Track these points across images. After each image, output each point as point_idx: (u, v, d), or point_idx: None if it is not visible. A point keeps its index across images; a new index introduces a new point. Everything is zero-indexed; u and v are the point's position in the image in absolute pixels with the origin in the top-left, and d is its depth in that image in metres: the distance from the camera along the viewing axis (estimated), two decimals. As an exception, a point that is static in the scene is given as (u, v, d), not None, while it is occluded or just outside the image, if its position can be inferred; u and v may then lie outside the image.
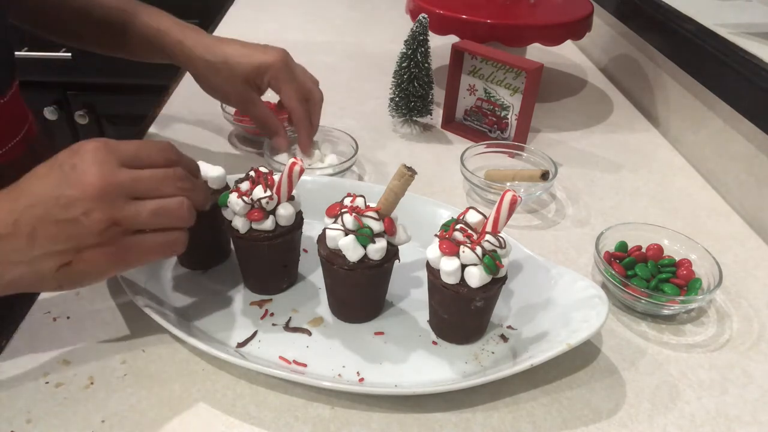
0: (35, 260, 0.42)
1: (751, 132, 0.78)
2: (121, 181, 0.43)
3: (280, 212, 0.54)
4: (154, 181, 0.46)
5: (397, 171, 0.50)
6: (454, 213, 0.60)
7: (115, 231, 0.43)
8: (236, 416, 0.47)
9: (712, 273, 0.59)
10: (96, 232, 0.42)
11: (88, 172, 0.42)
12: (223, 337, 0.53)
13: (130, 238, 0.45)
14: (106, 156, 0.44)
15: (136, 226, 0.45)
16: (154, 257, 0.47)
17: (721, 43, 0.82)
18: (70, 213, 0.42)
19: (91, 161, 0.43)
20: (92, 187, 0.42)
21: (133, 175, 0.44)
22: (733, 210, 0.78)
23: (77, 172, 0.43)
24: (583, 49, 1.32)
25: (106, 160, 0.43)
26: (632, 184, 0.82)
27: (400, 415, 0.48)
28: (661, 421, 0.49)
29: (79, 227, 0.42)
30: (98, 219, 0.42)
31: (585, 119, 1.00)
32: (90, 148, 0.44)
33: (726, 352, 0.57)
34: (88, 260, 0.43)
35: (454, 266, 0.49)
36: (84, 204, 0.42)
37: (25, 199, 0.42)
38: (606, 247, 0.63)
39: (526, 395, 0.51)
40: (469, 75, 0.90)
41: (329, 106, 0.98)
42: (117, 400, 0.48)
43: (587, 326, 0.50)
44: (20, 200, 0.43)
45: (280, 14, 1.42)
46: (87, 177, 0.42)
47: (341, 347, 0.53)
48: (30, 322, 0.54)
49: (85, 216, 0.42)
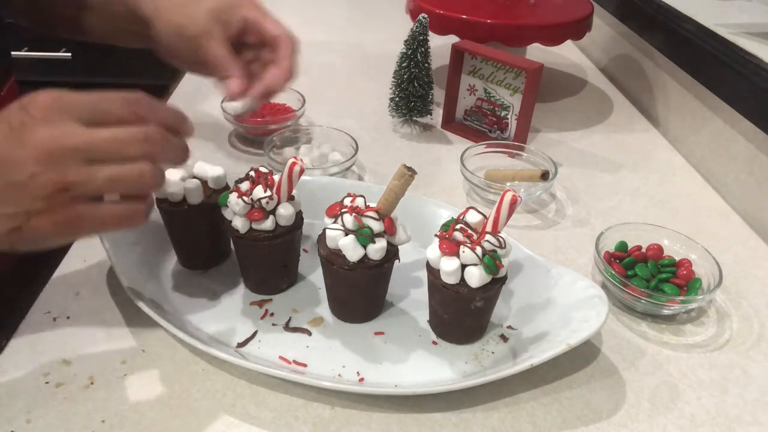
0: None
1: (751, 132, 0.78)
2: (73, 142, 0.39)
3: (280, 212, 0.54)
4: (115, 142, 0.40)
5: (397, 171, 0.50)
6: (454, 213, 0.60)
7: (64, 197, 0.39)
8: (236, 416, 0.47)
9: (712, 273, 0.59)
10: (42, 197, 0.38)
11: (37, 131, 0.38)
12: (223, 337, 0.53)
13: (82, 206, 0.40)
14: (59, 112, 0.39)
15: (89, 193, 0.40)
16: (108, 229, 0.43)
17: (721, 43, 0.82)
18: (16, 176, 0.38)
19: (42, 119, 0.39)
20: (39, 148, 0.38)
21: (88, 136, 0.39)
22: (733, 210, 0.78)
23: (25, 130, 0.39)
24: (583, 49, 1.32)
25: (59, 118, 0.39)
26: (632, 184, 0.82)
27: (400, 415, 0.48)
28: (661, 421, 0.49)
29: (25, 191, 0.38)
30: (44, 183, 0.38)
31: (585, 119, 1.00)
32: (41, 104, 0.40)
33: (726, 352, 0.57)
34: (36, 227, 0.39)
35: (454, 266, 0.49)
36: (30, 166, 0.38)
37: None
38: (606, 247, 0.63)
39: (526, 395, 0.51)
40: (469, 75, 0.90)
41: (329, 106, 0.98)
42: (117, 400, 0.48)
43: (587, 326, 0.50)
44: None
45: (280, 14, 1.42)
46: (35, 136, 0.38)
47: (341, 347, 0.53)
48: (30, 322, 0.54)
49: (31, 179, 0.38)
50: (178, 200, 0.55)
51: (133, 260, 0.57)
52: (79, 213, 0.40)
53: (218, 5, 0.60)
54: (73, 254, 0.62)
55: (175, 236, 0.60)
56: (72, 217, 0.40)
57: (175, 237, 0.60)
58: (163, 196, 0.55)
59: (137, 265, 0.57)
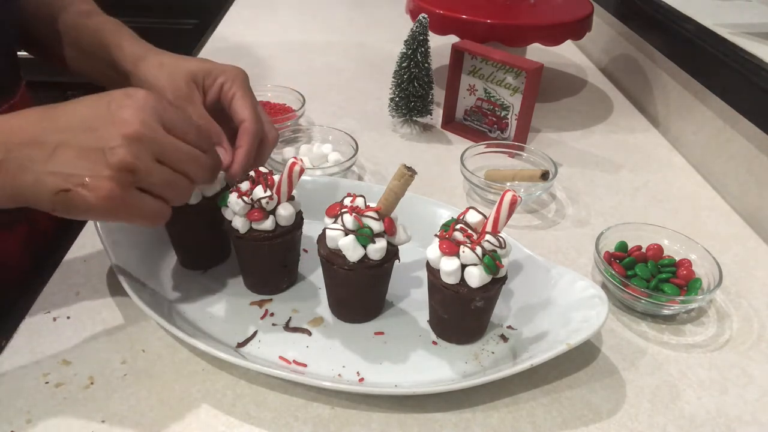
0: (44, 175, 0.42)
1: (751, 132, 0.78)
2: (158, 137, 0.44)
3: (280, 212, 0.54)
4: (184, 155, 0.46)
5: (397, 171, 0.50)
6: (454, 213, 0.60)
7: (126, 177, 0.43)
8: (236, 416, 0.47)
9: (712, 273, 0.59)
10: (112, 168, 0.42)
11: (133, 114, 0.43)
12: (223, 337, 0.53)
13: (134, 192, 0.44)
14: (152, 110, 0.45)
15: (145, 185, 0.44)
16: (138, 221, 0.46)
17: (721, 43, 0.82)
18: (98, 143, 0.42)
19: (140, 107, 0.44)
20: (129, 127, 0.43)
21: (168, 138, 0.45)
22: (733, 210, 0.78)
23: (123, 111, 0.44)
24: (583, 49, 1.32)
25: (152, 112, 0.44)
26: (632, 184, 0.82)
27: (400, 415, 0.48)
28: (661, 421, 0.49)
29: (98, 156, 0.42)
30: (120, 156, 0.42)
31: (585, 119, 1.00)
32: (142, 96, 0.45)
33: (726, 352, 0.57)
34: (84, 195, 0.42)
35: (454, 266, 0.49)
36: (115, 139, 0.42)
37: (60, 122, 0.44)
38: (606, 247, 0.63)
39: (526, 395, 0.51)
40: (469, 75, 0.90)
41: (329, 106, 0.98)
42: (117, 400, 0.48)
43: (587, 326, 0.50)
44: (59, 120, 0.44)
45: (280, 14, 1.42)
46: (129, 117, 0.43)
47: (341, 347, 0.53)
48: (30, 322, 0.54)
49: (110, 150, 0.42)
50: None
51: (133, 260, 0.57)
52: (128, 197, 0.44)
53: (198, 69, 0.59)
54: (73, 254, 0.62)
55: (175, 236, 0.60)
56: (120, 197, 0.43)
57: (175, 237, 0.60)
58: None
59: (137, 265, 0.57)
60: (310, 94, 0.93)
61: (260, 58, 1.16)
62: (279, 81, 0.97)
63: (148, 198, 0.45)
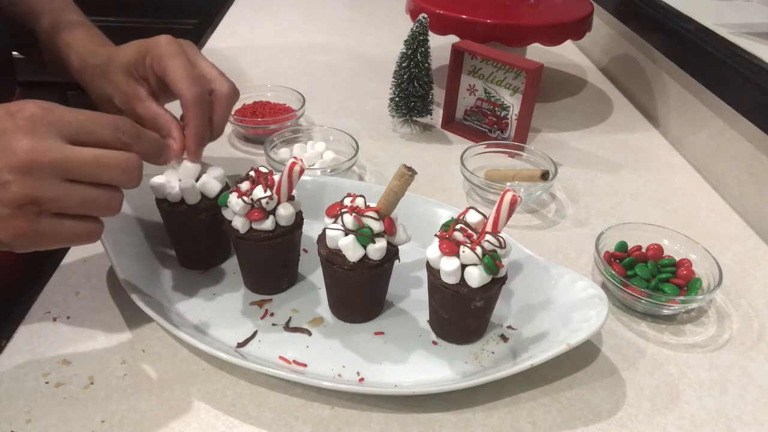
0: None
1: (751, 132, 0.78)
2: (53, 159, 0.39)
3: (280, 212, 0.54)
4: (95, 165, 0.40)
5: (397, 171, 0.50)
6: (454, 213, 0.60)
7: (32, 210, 0.39)
8: (236, 416, 0.47)
9: (712, 273, 0.59)
10: (10, 205, 0.38)
11: (19, 141, 0.38)
12: (223, 337, 0.53)
13: (47, 220, 0.40)
14: (46, 125, 0.39)
15: (57, 210, 0.40)
16: (66, 244, 0.44)
17: (721, 43, 0.82)
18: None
19: (26, 129, 0.39)
20: (17, 158, 0.38)
21: (69, 154, 0.39)
22: (733, 210, 0.78)
23: (6, 137, 0.38)
24: (583, 49, 1.32)
25: (43, 131, 0.39)
26: (632, 184, 0.82)
27: (400, 415, 0.48)
28: (661, 421, 0.49)
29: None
30: (15, 192, 0.38)
31: (585, 119, 1.00)
32: (29, 113, 0.39)
33: (726, 352, 0.57)
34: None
35: (454, 266, 0.49)
36: (4, 174, 0.38)
37: None
38: (606, 247, 0.63)
39: (526, 395, 0.51)
40: (469, 75, 0.90)
41: (329, 106, 0.98)
42: (117, 400, 0.48)
43: (587, 326, 0.50)
44: None
45: (280, 14, 1.42)
46: (15, 145, 0.38)
47: (341, 347, 0.53)
48: (30, 322, 0.54)
49: (2, 187, 0.38)
50: (176, 200, 0.55)
51: (133, 260, 0.57)
52: (41, 227, 0.40)
53: (128, 61, 0.56)
54: (73, 254, 0.62)
55: (175, 236, 0.60)
56: (33, 230, 0.40)
57: (174, 237, 0.60)
58: (162, 196, 0.55)
59: (137, 265, 0.57)
60: (310, 94, 0.93)
61: (260, 58, 1.16)
62: (279, 81, 0.97)
63: (67, 221, 0.41)
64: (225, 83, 0.56)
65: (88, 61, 0.60)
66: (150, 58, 0.55)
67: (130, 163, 0.42)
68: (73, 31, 0.64)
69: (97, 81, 0.58)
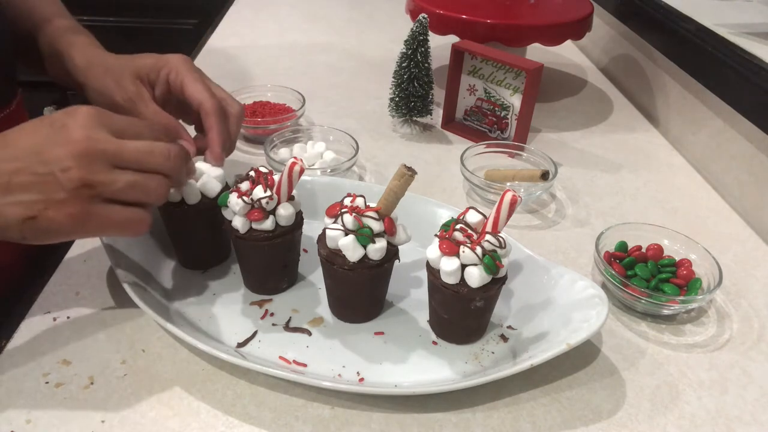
0: (5, 207, 0.43)
1: (751, 132, 0.78)
2: (105, 146, 0.44)
3: (280, 212, 0.54)
4: (141, 153, 0.46)
5: (397, 171, 0.50)
6: (454, 213, 0.60)
7: (86, 193, 0.43)
8: (236, 416, 0.47)
9: (712, 273, 0.59)
10: (67, 189, 0.43)
11: (76, 132, 0.43)
12: (223, 337, 0.53)
13: (98, 205, 0.44)
14: (97, 121, 0.45)
15: (109, 194, 0.45)
16: (115, 232, 0.47)
17: (721, 43, 0.82)
18: (48, 167, 0.43)
19: (82, 123, 0.44)
20: (76, 145, 0.43)
21: (119, 144, 0.45)
22: (733, 210, 0.78)
23: (66, 130, 0.44)
24: (583, 49, 1.32)
25: (96, 125, 0.44)
26: (632, 184, 0.82)
27: (400, 415, 0.48)
28: (661, 421, 0.49)
29: (53, 182, 0.42)
30: (73, 177, 0.42)
31: (585, 119, 1.00)
32: (83, 112, 0.45)
33: (726, 352, 0.57)
34: (52, 218, 0.43)
35: (454, 266, 0.49)
36: (64, 161, 0.43)
37: (9, 150, 0.44)
38: (606, 247, 0.63)
39: (526, 395, 0.51)
40: (469, 75, 0.90)
41: (329, 106, 0.98)
42: (117, 400, 0.48)
43: (587, 326, 0.50)
44: (8, 148, 0.44)
45: (280, 14, 1.42)
46: (73, 135, 0.43)
47: (341, 347, 0.53)
48: (30, 322, 0.54)
49: (62, 172, 0.42)
50: (176, 200, 0.55)
51: (133, 260, 0.57)
52: (94, 210, 0.44)
53: (143, 66, 0.60)
54: (73, 254, 0.62)
55: (175, 236, 0.60)
56: (87, 212, 0.44)
57: (175, 237, 0.60)
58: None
59: (137, 265, 0.57)
60: (310, 94, 0.93)
61: (260, 58, 1.16)
62: (279, 81, 0.97)
63: (117, 207, 0.45)
64: (235, 104, 0.62)
65: (93, 60, 0.63)
66: (167, 70, 0.60)
67: (173, 152, 0.48)
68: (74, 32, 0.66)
69: (100, 78, 0.61)
